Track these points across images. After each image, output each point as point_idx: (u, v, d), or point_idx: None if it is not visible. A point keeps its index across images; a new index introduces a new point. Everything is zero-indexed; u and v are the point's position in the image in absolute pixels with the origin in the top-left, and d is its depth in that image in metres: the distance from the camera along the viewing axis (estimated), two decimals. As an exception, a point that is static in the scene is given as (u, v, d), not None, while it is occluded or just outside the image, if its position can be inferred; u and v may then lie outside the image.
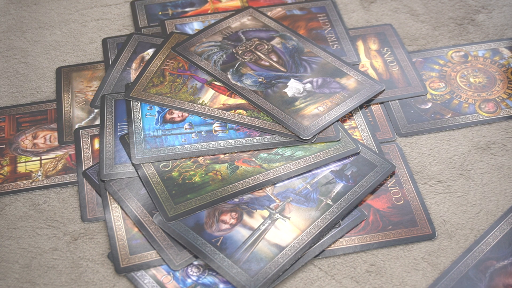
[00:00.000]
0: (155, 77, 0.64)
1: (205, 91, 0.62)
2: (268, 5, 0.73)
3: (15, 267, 0.52)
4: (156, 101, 0.61)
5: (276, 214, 0.54)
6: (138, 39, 0.69)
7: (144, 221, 0.53)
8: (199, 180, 0.56)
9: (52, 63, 0.68)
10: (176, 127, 0.59)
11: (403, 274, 0.51)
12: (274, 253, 0.51)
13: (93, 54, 0.69)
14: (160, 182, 0.55)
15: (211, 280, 0.50)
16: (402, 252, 0.52)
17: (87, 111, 0.63)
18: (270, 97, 0.61)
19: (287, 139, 0.58)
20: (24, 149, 0.60)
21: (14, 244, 0.53)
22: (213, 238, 0.52)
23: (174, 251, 0.51)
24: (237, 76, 0.63)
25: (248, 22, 0.70)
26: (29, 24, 0.72)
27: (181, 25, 0.70)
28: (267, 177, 0.56)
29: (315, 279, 0.51)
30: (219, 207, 0.54)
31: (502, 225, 0.53)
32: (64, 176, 0.58)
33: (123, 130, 0.60)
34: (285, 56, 0.66)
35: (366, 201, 0.55)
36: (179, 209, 0.53)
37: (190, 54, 0.66)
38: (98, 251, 0.53)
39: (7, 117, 0.63)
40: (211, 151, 0.57)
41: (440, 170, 0.58)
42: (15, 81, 0.66)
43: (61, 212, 0.55)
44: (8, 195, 0.56)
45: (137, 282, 0.50)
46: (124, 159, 0.57)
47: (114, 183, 0.55)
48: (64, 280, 0.51)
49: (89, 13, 0.73)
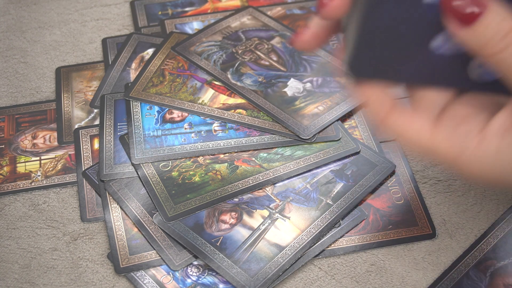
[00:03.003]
0: (154, 77, 0.64)
1: (204, 91, 0.62)
2: (268, 4, 0.73)
3: (15, 267, 0.52)
4: (155, 101, 0.61)
5: (276, 214, 0.53)
6: (137, 39, 0.69)
7: (144, 221, 0.53)
8: (199, 180, 0.55)
9: (51, 63, 0.68)
10: (175, 127, 0.59)
11: (403, 274, 0.51)
12: (274, 253, 0.51)
13: (92, 54, 0.69)
14: (159, 182, 0.55)
15: (211, 280, 0.50)
16: (402, 252, 0.52)
17: (87, 111, 0.63)
18: (270, 96, 0.61)
19: (287, 139, 0.58)
20: (23, 149, 0.60)
21: (13, 244, 0.53)
22: (213, 238, 0.52)
23: (174, 251, 0.51)
24: (237, 76, 0.63)
25: (248, 21, 0.70)
26: (29, 24, 0.72)
27: (181, 25, 0.70)
28: (267, 177, 0.56)
29: (315, 279, 0.51)
30: (219, 207, 0.54)
31: (503, 224, 0.53)
32: (63, 176, 0.58)
33: (123, 130, 0.60)
34: (285, 56, 0.66)
35: (366, 200, 0.55)
36: (178, 209, 0.53)
37: (189, 54, 0.66)
38: (98, 251, 0.53)
39: (6, 117, 0.63)
40: (211, 151, 0.57)
41: (440, 169, 0.58)
42: (15, 81, 0.66)
43: (60, 212, 0.55)
44: (7, 195, 0.56)
45: (137, 282, 0.50)
46: (124, 159, 0.57)
47: (114, 183, 0.55)
48: (64, 280, 0.51)
49: (88, 13, 0.73)
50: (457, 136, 0.34)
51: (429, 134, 0.35)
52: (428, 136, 0.35)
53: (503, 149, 0.33)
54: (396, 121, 0.36)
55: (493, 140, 0.33)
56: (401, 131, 0.36)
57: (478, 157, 0.33)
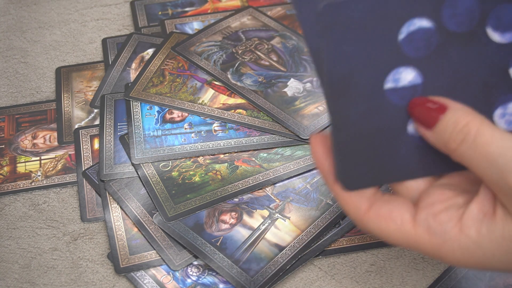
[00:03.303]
0: (155, 77, 0.64)
1: (205, 91, 0.62)
2: (268, 4, 0.73)
3: (15, 267, 0.52)
4: (156, 101, 0.61)
5: (276, 214, 0.54)
6: (138, 39, 0.69)
7: (144, 221, 0.53)
8: (199, 180, 0.55)
9: (51, 63, 0.68)
10: (176, 127, 0.59)
11: (403, 274, 0.51)
12: (274, 253, 0.51)
13: (93, 54, 0.69)
14: (159, 182, 0.55)
15: (211, 280, 0.50)
16: (402, 252, 0.52)
17: (87, 111, 0.63)
18: (270, 96, 0.61)
19: (287, 139, 0.58)
20: (23, 149, 0.60)
21: (13, 244, 0.53)
22: (213, 238, 0.52)
23: (174, 251, 0.51)
24: (237, 76, 0.63)
25: (248, 21, 0.70)
26: (29, 24, 0.72)
27: (181, 25, 0.70)
28: (267, 177, 0.56)
29: (315, 279, 0.51)
30: (219, 207, 0.54)
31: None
32: (63, 176, 0.58)
33: (123, 130, 0.60)
34: (285, 56, 0.66)
35: (366, 200, 0.55)
36: (178, 209, 0.53)
37: (190, 54, 0.66)
38: (98, 251, 0.53)
39: (6, 117, 0.63)
40: (211, 151, 0.57)
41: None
42: (15, 81, 0.66)
43: (60, 212, 0.55)
44: (7, 195, 0.56)
45: (137, 282, 0.50)
46: (124, 159, 0.57)
47: (114, 183, 0.55)
48: (64, 280, 0.51)
49: (89, 13, 0.73)
50: (437, 226, 0.34)
51: (411, 227, 0.35)
52: (410, 231, 0.35)
53: (483, 236, 0.33)
54: (375, 220, 0.35)
55: (472, 228, 0.33)
56: (381, 230, 0.35)
57: (460, 246, 0.33)
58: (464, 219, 0.33)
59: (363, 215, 0.36)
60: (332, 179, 0.36)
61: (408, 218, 0.35)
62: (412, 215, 0.35)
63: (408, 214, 0.35)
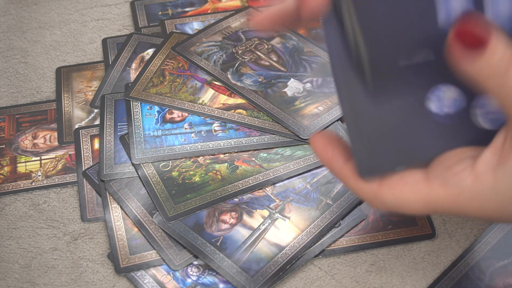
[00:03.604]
0: (155, 77, 0.64)
1: (205, 91, 0.62)
2: (268, 4, 0.73)
3: (15, 267, 0.52)
4: (156, 101, 0.61)
5: (276, 213, 0.54)
6: (138, 39, 0.69)
7: (144, 221, 0.53)
8: (199, 180, 0.56)
9: (52, 63, 0.68)
10: (176, 127, 0.59)
11: (403, 274, 0.51)
12: (274, 253, 0.51)
13: (93, 54, 0.69)
14: (160, 182, 0.55)
15: (211, 280, 0.50)
16: (402, 252, 0.52)
17: (87, 111, 0.63)
18: (270, 96, 0.61)
19: (287, 139, 0.58)
20: (24, 149, 0.60)
21: (14, 244, 0.53)
22: (213, 238, 0.52)
23: (174, 251, 0.51)
24: (237, 76, 0.63)
25: (248, 21, 0.70)
26: (29, 24, 0.72)
27: (181, 25, 0.70)
28: (267, 177, 0.56)
29: (315, 279, 0.51)
30: (219, 207, 0.54)
31: (502, 224, 0.53)
32: (64, 176, 0.58)
33: (123, 130, 0.60)
34: (285, 56, 0.66)
35: (366, 200, 0.55)
36: (179, 209, 0.53)
37: (190, 54, 0.66)
38: (98, 251, 0.53)
39: (7, 117, 0.63)
40: (211, 151, 0.57)
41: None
42: (15, 81, 0.66)
43: (61, 212, 0.55)
44: (8, 195, 0.56)
45: (137, 282, 0.50)
46: (124, 159, 0.57)
47: (114, 183, 0.55)
48: (64, 280, 0.51)
49: (89, 13, 0.73)
50: (452, 177, 0.33)
51: (425, 186, 0.34)
52: (425, 189, 0.34)
53: (499, 180, 0.32)
54: (388, 191, 0.35)
55: (488, 174, 0.33)
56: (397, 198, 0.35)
57: (476, 194, 0.33)
58: (479, 166, 0.33)
59: (377, 192, 0.36)
60: (338, 165, 0.36)
61: (421, 177, 0.35)
62: (425, 173, 0.35)
63: (420, 174, 0.35)
